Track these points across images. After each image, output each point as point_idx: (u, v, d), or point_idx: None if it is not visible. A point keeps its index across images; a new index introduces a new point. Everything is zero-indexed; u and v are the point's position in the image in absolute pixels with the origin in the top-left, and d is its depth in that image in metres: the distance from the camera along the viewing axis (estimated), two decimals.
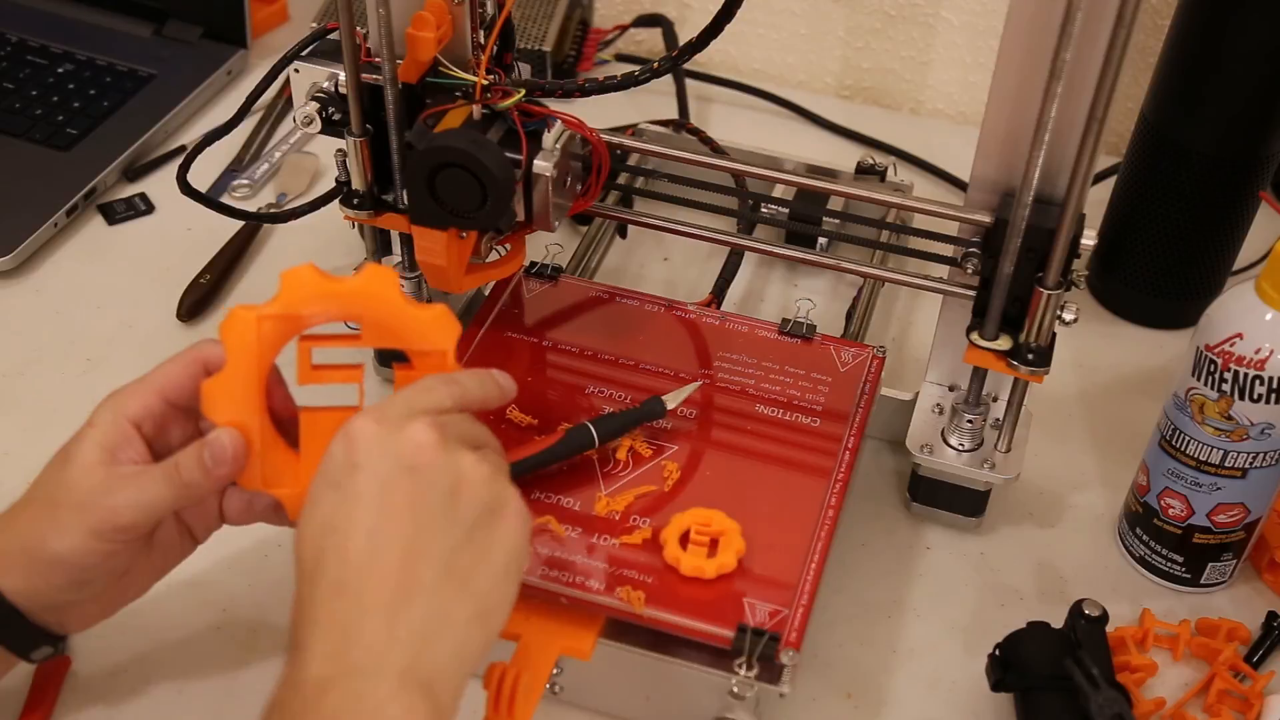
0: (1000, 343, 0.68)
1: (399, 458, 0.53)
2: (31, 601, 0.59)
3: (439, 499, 0.53)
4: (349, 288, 0.58)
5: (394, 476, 0.53)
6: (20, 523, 0.59)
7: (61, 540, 0.58)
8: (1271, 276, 0.64)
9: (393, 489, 0.53)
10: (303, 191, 0.99)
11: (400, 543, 0.52)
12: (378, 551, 0.52)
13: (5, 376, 0.85)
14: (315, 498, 0.54)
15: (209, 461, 0.59)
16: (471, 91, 0.68)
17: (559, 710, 0.68)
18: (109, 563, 0.59)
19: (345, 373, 0.61)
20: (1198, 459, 0.70)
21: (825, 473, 0.70)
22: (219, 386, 0.59)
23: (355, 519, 0.53)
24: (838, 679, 0.71)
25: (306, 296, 0.58)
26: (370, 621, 0.51)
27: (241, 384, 0.58)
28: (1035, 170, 0.62)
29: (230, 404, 0.59)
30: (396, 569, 0.52)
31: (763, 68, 1.14)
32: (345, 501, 0.53)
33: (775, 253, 0.77)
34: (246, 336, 0.58)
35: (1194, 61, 0.81)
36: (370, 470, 0.53)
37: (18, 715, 0.67)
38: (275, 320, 0.58)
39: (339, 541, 0.52)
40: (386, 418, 0.54)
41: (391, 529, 0.52)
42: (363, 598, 0.51)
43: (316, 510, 0.53)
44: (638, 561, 0.65)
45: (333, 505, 0.53)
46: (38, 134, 1.00)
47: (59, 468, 0.59)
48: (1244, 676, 0.71)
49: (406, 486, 0.53)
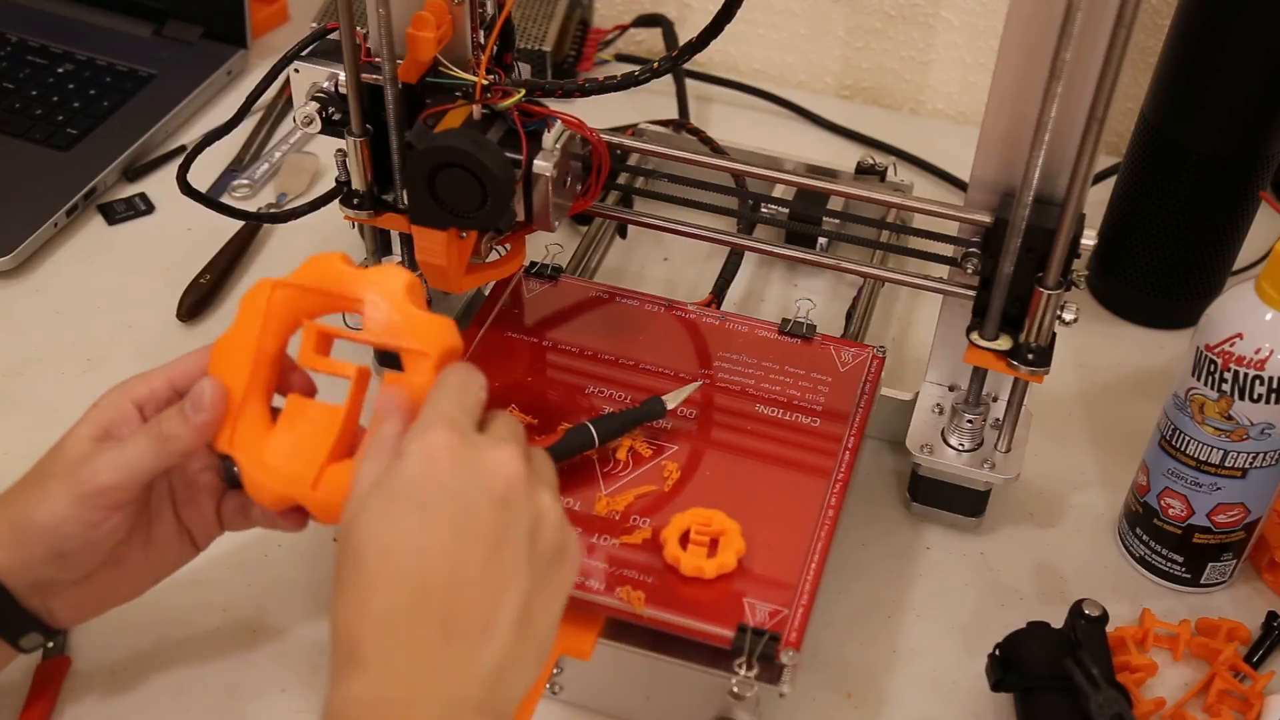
0: (1000, 343, 0.68)
1: (490, 490, 0.52)
2: (16, 578, 0.59)
3: (522, 537, 0.52)
4: (365, 275, 0.59)
5: (483, 507, 0.52)
6: (11, 498, 0.59)
7: (45, 507, 0.58)
8: (1271, 276, 0.64)
9: (480, 520, 0.51)
10: (303, 191, 0.99)
11: (485, 577, 0.51)
12: (463, 582, 0.51)
13: (5, 376, 0.85)
14: (391, 510, 0.51)
15: (189, 409, 0.58)
16: (471, 91, 0.68)
17: (559, 710, 0.68)
18: (91, 533, 0.59)
19: (343, 366, 0.60)
20: (1198, 459, 0.70)
21: (825, 473, 0.70)
22: (222, 344, 0.60)
23: (440, 543, 0.51)
24: (838, 679, 0.71)
25: (325, 275, 0.59)
26: (453, 652, 0.50)
27: (239, 344, 0.59)
28: (1035, 170, 0.62)
29: (225, 360, 0.60)
30: (482, 603, 0.51)
31: (763, 68, 1.14)
32: (432, 525, 0.51)
33: (775, 253, 0.77)
34: (258, 301, 0.59)
35: (1194, 61, 0.81)
36: (460, 497, 0.51)
37: (18, 714, 0.67)
38: (287, 290, 0.59)
39: (422, 563, 0.50)
40: (463, 432, 0.53)
41: (477, 560, 0.51)
42: (447, 626, 0.50)
43: (392, 524, 0.51)
44: (638, 561, 0.65)
45: (418, 525, 0.51)
46: (38, 134, 1.00)
47: (55, 446, 0.60)
48: (1244, 676, 0.71)
49: (494, 520, 0.52)
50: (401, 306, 0.58)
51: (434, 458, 0.52)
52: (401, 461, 0.52)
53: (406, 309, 0.58)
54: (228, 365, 0.60)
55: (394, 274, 0.58)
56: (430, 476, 0.51)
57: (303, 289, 0.59)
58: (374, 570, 0.50)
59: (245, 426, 0.60)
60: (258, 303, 0.59)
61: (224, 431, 0.60)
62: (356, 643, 0.50)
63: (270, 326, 0.59)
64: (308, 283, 0.59)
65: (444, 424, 0.53)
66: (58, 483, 0.58)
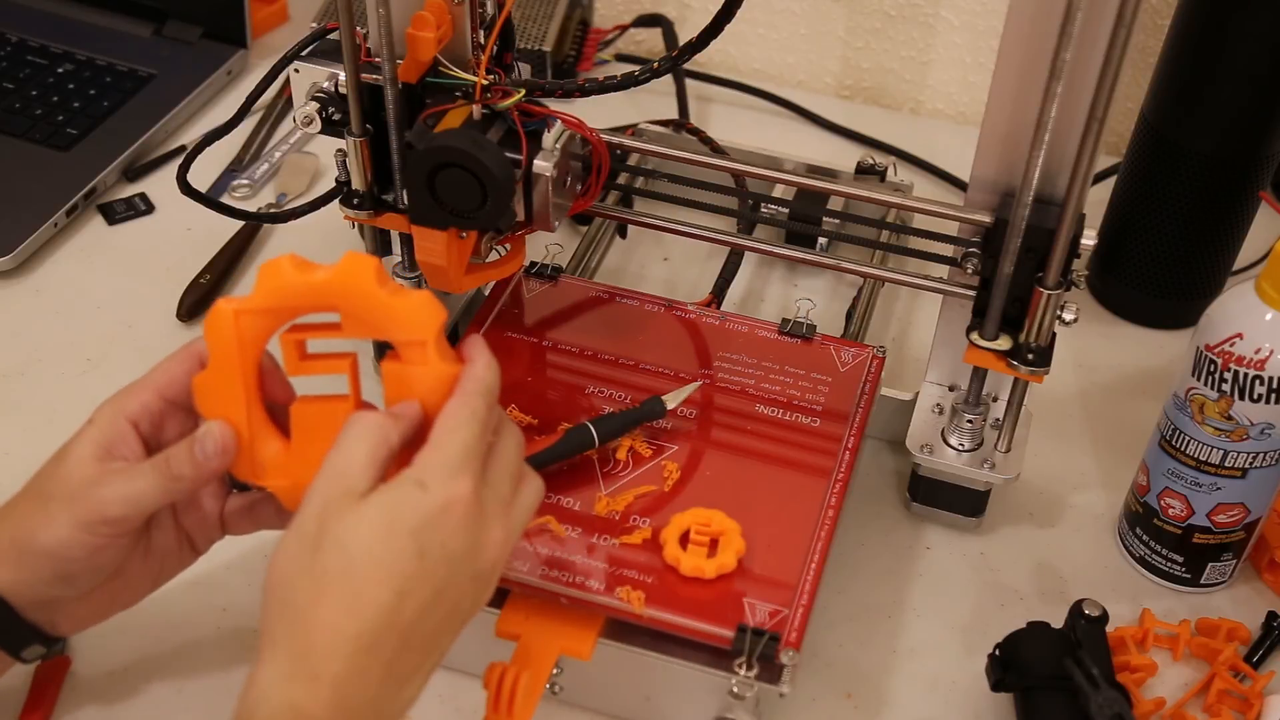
0: (1000, 343, 0.68)
1: (476, 569, 0.54)
2: (20, 596, 0.59)
3: (475, 605, 0.55)
4: (322, 279, 0.56)
5: (464, 580, 0.53)
6: (11, 516, 0.59)
7: (49, 532, 0.58)
8: (1271, 276, 0.64)
9: (457, 588, 0.53)
10: (303, 191, 0.99)
11: (437, 632, 0.53)
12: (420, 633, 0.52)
13: (5, 377, 0.85)
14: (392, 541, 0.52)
15: (199, 454, 0.58)
16: (471, 91, 0.68)
17: (559, 710, 0.68)
18: (95, 558, 0.59)
19: (334, 363, 0.59)
20: (1198, 459, 0.70)
21: (825, 473, 0.70)
22: (206, 381, 0.58)
23: (420, 595, 0.52)
24: (838, 679, 0.71)
25: (282, 289, 0.56)
26: (385, 691, 0.52)
27: (225, 378, 0.58)
28: (1035, 170, 0.62)
29: (216, 398, 0.58)
30: (421, 654, 0.53)
31: (763, 68, 1.14)
32: (422, 576, 0.52)
33: (775, 253, 0.76)
34: (225, 332, 0.57)
35: (1194, 61, 0.81)
36: (452, 563, 0.53)
37: (18, 715, 0.67)
38: (253, 315, 0.57)
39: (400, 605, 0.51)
40: (481, 492, 0.54)
41: (438, 618, 0.53)
42: (391, 667, 0.52)
43: (392, 556, 0.51)
44: (638, 561, 0.65)
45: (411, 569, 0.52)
46: (38, 134, 1.00)
47: (54, 463, 0.59)
48: (1244, 676, 0.71)
49: (466, 592, 0.54)
50: (375, 299, 0.56)
51: (451, 511, 0.52)
52: (423, 495, 0.52)
53: (382, 301, 0.55)
54: (222, 403, 0.58)
55: (356, 268, 0.56)
56: (441, 527, 0.52)
57: (265, 312, 0.57)
58: (356, 592, 0.51)
59: (265, 452, 0.59)
60: (226, 334, 0.57)
61: (241, 464, 0.59)
62: (317, 653, 0.51)
63: (247, 352, 0.58)
64: (269, 303, 0.57)
65: (472, 477, 0.53)
66: (61, 506, 0.58)
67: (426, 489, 0.52)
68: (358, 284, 0.56)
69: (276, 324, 0.58)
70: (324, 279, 0.56)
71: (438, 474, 0.53)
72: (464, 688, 0.68)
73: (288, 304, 0.57)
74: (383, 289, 0.56)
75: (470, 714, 0.68)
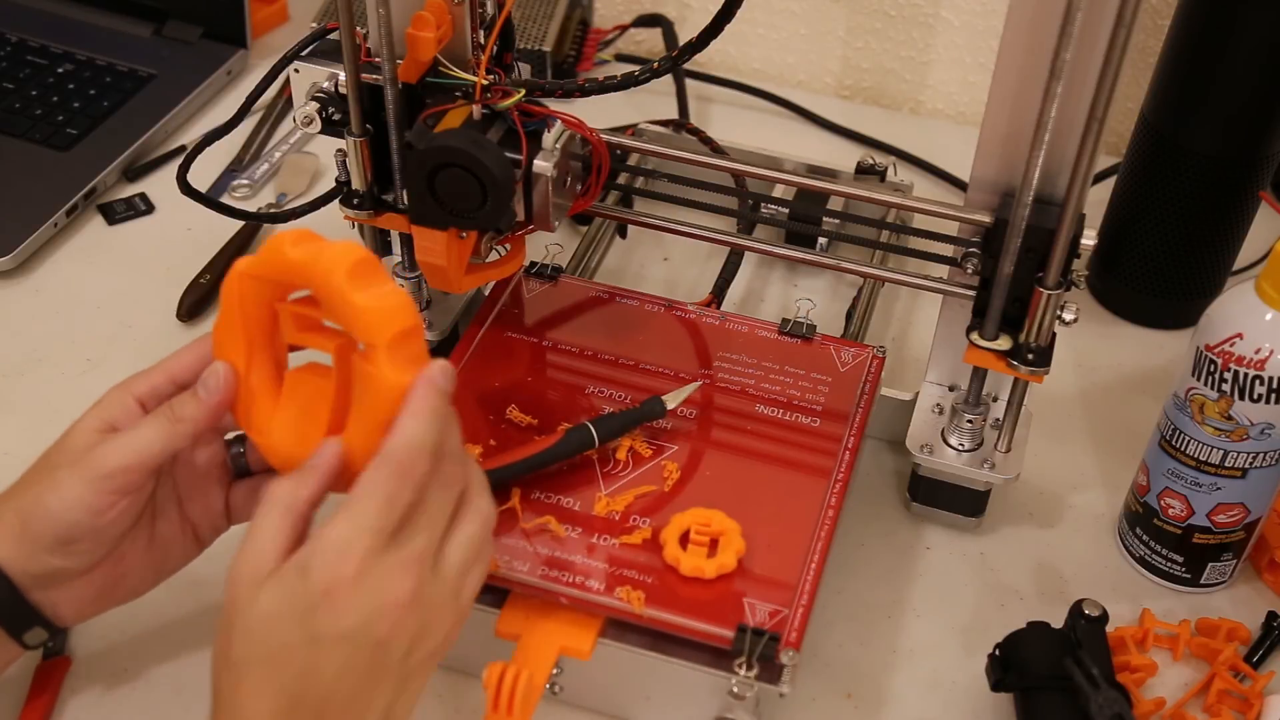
0: (1000, 343, 0.68)
1: (373, 634, 0.53)
2: (21, 572, 0.59)
3: (397, 659, 0.54)
4: (296, 259, 0.56)
5: (365, 650, 0.53)
6: (16, 492, 0.60)
7: (54, 494, 0.59)
8: (1271, 276, 0.64)
9: (361, 658, 0.53)
10: (303, 191, 0.99)
11: (355, 696, 0.54)
12: (335, 701, 0.53)
13: (5, 377, 0.85)
14: (281, 625, 0.52)
15: (201, 391, 0.59)
16: (471, 91, 0.68)
17: (559, 710, 0.68)
18: (97, 519, 0.59)
19: (325, 340, 0.59)
20: (1198, 459, 0.70)
21: (825, 473, 0.70)
22: (216, 329, 0.60)
23: (322, 674, 0.53)
24: (838, 679, 0.71)
25: (270, 262, 0.57)
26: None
27: (228, 330, 0.60)
28: (1035, 170, 0.62)
29: (222, 346, 0.60)
30: (350, 716, 0.54)
31: (763, 68, 1.14)
32: (319, 655, 0.52)
33: (775, 253, 0.76)
34: (231, 288, 0.59)
35: (1194, 61, 0.81)
36: (349, 639, 0.53)
37: (18, 714, 0.67)
38: (250, 279, 0.58)
39: (304, 683, 0.52)
40: (367, 560, 0.53)
41: (350, 686, 0.53)
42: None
43: (283, 642, 0.53)
44: (637, 561, 0.65)
45: (305, 654, 0.52)
46: (38, 134, 1.00)
47: (60, 439, 0.61)
48: (1244, 676, 0.71)
49: (372, 658, 0.53)
50: (340, 294, 0.55)
51: (334, 594, 0.52)
52: (304, 582, 0.52)
53: (345, 297, 0.54)
54: (227, 350, 0.60)
55: (335, 257, 0.55)
56: (328, 610, 0.52)
57: (261, 279, 0.58)
58: (265, 677, 0.53)
59: (258, 408, 0.60)
60: (230, 289, 0.59)
61: (239, 412, 0.61)
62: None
63: (249, 312, 0.59)
64: (264, 273, 0.58)
65: (361, 553, 0.53)
66: (66, 471, 0.59)
67: (308, 575, 0.52)
68: (326, 273, 0.55)
69: (278, 292, 0.59)
70: (298, 259, 0.56)
71: (323, 556, 0.53)
72: (464, 688, 0.68)
73: (275, 276, 0.58)
74: (349, 282, 0.54)
75: (470, 714, 0.68)
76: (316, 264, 0.55)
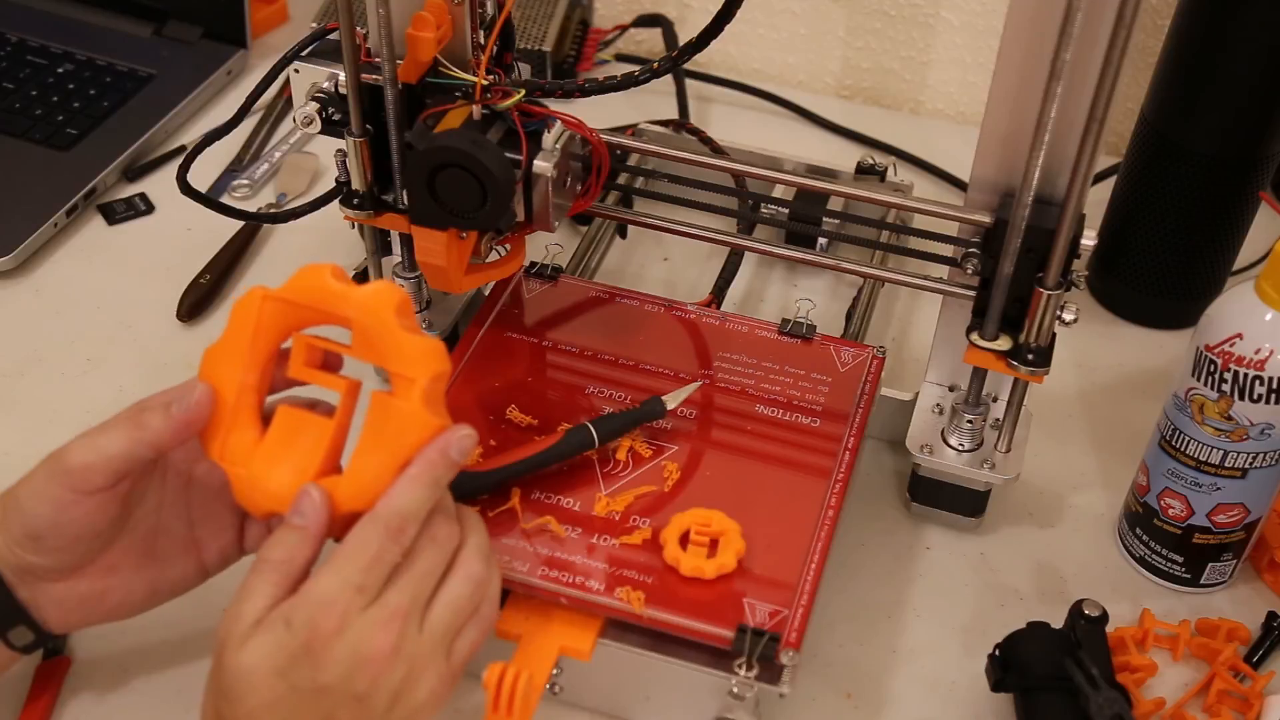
0: (1000, 343, 0.68)
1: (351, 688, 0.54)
2: (3, 562, 0.59)
3: (380, 710, 0.55)
4: (349, 291, 0.58)
5: (346, 706, 0.54)
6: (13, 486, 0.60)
7: (26, 485, 0.59)
8: (1271, 276, 0.64)
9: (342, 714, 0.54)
10: (303, 191, 0.99)
11: None
12: None
13: (5, 376, 0.85)
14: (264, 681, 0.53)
15: (175, 407, 0.59)
16: (471, 92, 0.68)
17: (559, 710, 0.68)
18: (59, 515, 0.58)
19: (335, 381, 0.60)
20: (1198, 459, 0.70)
21: (825, 473, 0.70)
22: (213, 352, 0.60)
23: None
24: (838, 679, 0.71)
25: (314, 288, 0.58)
26: None
27: (230, 353, 0.59)
28: (1035, 170, 0.62)
29: (214, 368, 0.60)
30: None
31: (763, 68, 1.14)
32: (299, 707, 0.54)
33: (775, 253, 0.77)
34: (249, 312, 0.59)
35: (1194, 61, 0.81)
36: (327, 694, 0.54)
37: (18, 714, 0.67)
38: (276, 303, 0.59)
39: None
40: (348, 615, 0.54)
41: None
42: None
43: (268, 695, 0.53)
44: (637, 561, 0.65)
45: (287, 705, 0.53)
46: (38, 134, 1.00)
47: None
48: (1244, 676, 0.71)
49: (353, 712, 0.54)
50: (389, 328, 0.57)
51: (313, 648, 0.53)
52: (287, 635, 0.53)
53: (394, 331, 0.57)
54: (219, 373, 0.60)
55: (383, 294, 0.57)
56: (308, 664, 0.53)
57: (292, 304, 0.59)
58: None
59: (236, 436, 0.60)
60: (249, 313, 0.59)
61: (215, 440, 0.60)
62: None
63: (261, 337, 0.59)
64: (297, 298, 0.58)
65: (343, 608, 0.54)
66: (42, 464, 0.59)
67: (290, 627, 0.54)
68: (380, 308, 0.57)
69: (297, 322, 0.59)
70: (352, 292, 0.58)
71: (306, 610, 0.54)
72: (464, 688, 0.68)
73: (312, 304, 0.58)
74: (399, 320, 0.57)
75: (470, 714, 0.68)
76: (369, 298, 0.57)
